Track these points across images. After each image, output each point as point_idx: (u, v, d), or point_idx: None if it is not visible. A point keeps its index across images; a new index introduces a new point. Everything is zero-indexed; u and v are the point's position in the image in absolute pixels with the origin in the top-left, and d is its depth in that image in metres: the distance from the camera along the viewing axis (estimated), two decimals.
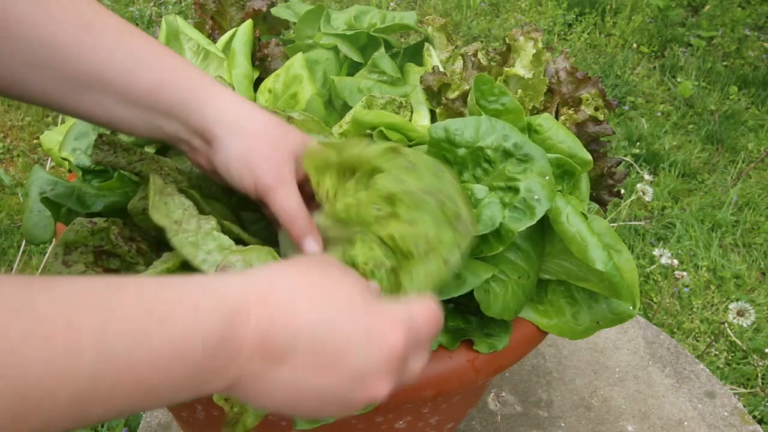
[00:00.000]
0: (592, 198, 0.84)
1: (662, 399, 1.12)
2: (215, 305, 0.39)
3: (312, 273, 0.46)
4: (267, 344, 0.40)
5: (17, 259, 1.61)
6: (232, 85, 0.76)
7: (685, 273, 1.86)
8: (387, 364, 0.43)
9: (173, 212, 0.65)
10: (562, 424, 1.07)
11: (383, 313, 0.45)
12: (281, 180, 0.61)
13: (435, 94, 0.87)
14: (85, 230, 0.68)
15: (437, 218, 0.57)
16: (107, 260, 0.69)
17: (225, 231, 0.65)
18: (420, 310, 0.48)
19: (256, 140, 0.62)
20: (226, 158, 0.62)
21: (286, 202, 0.61)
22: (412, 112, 0.81)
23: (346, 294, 0.45)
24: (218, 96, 0.62)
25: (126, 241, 0.69)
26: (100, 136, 0.70)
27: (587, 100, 0.84)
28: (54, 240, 0.72)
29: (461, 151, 0.70)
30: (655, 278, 2.07)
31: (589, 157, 0.75)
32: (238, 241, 0.69)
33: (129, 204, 0.68)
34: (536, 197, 0.66)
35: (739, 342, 1.86)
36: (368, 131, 0.75)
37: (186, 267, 0.67)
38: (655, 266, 2.07)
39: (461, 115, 0.83)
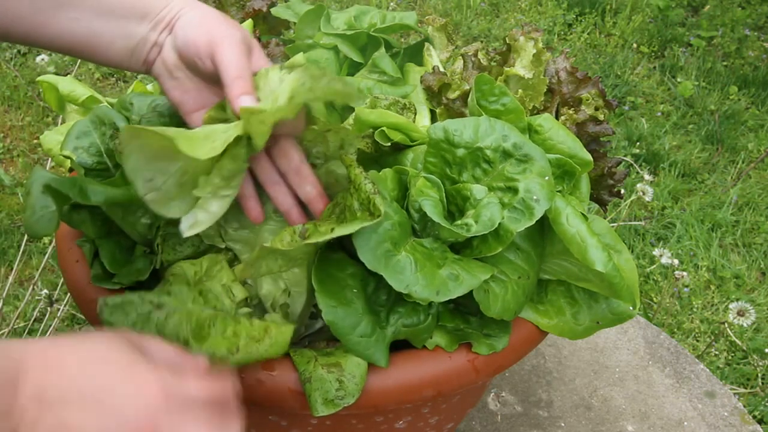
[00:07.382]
0: (592, 198, 0.84)
1: (662, 399, 1.12)
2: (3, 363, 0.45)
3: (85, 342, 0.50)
4: (41, 394, 0.45)
5: (17, 259, 1.61)
6: None
7: (685, 273, 1.86)
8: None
9: None
10: (562, 424, 1.07)
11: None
12: (232, 39, 0.64)
13: (435, 94, 0.87)
14: None
15: None
16: None
17: None
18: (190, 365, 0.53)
19: (213, 12, 0.67)
20: (186, 26, 0.66)
21: (232, 57, 0.63)
22: (415, 114, 0.81)
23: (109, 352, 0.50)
24: None
25: None
26: (117, 129, 0.74)
27: (587, 100, 0.84)
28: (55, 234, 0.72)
29: (460, 152, 0.70)
30: (655, 278, 2.07)
31: (589, 157, 0.75)
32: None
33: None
34: (535, 197, 0.66)
35: (739, 342, 1.86)
36: (371, 130, 0.75)
37: None
38: (655, 266, 2.07)
39: (461, 115, 0.83)
